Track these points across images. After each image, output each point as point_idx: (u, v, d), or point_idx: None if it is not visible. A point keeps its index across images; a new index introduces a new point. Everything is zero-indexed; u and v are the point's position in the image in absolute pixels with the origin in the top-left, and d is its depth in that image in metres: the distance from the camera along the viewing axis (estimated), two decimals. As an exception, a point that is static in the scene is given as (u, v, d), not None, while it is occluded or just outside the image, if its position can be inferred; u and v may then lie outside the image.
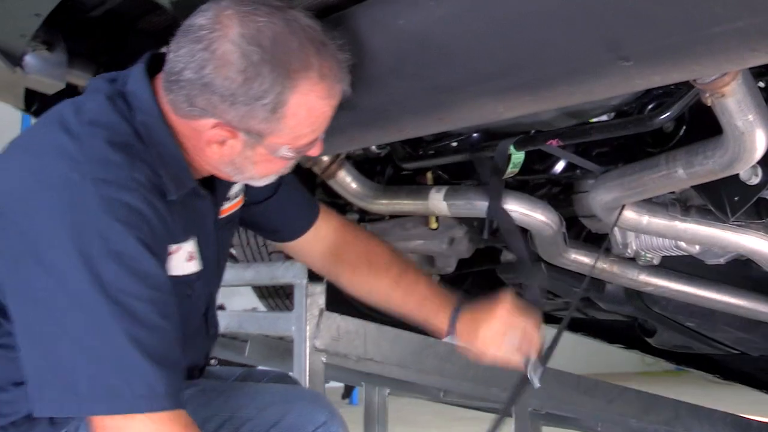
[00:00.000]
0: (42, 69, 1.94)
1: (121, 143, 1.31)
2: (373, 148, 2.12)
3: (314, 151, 1.43)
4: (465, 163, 2.15)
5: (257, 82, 1.29)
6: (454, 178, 2.19)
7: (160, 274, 1.29)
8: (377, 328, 2.33)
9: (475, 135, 2.01)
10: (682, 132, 1.73)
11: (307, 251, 1.80)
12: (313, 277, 2.30)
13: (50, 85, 1.98)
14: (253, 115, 1.32)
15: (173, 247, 1.39)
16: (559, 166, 1.99)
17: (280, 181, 1.72)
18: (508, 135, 1.89)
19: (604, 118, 1.78)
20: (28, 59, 1.91)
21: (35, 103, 2.25)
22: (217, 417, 1.47)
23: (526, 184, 2.09)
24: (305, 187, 1.84)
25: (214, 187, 1.51)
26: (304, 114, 1.34)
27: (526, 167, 1.99)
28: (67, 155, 1.28)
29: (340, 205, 2.52)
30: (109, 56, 2.05)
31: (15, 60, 1.85)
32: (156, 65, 1.42)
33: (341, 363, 2.28)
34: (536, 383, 1.60)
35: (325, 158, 2.11)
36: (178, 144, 1.39)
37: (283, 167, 1.44)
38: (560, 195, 2.14)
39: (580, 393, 2.65)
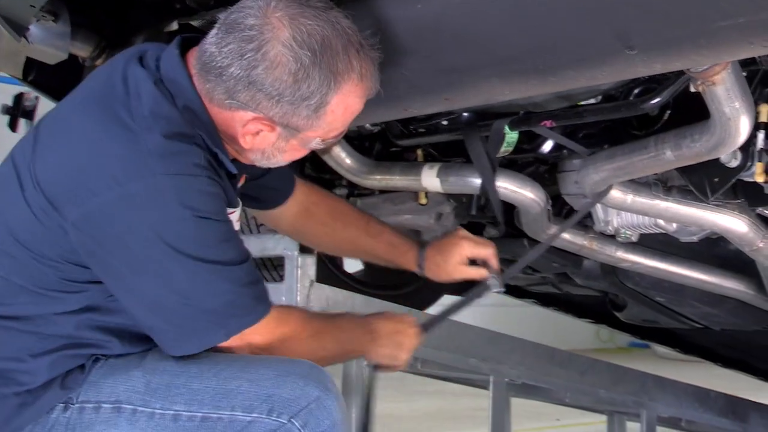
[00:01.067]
0: (46, 39, 1.96)
1: (177, 133, 1.41)
2: (368, 125, 2.19)
3: (335, 141, 1.55)
4: (455, 140, 2.24)
5: (306, 84, 1.39)
6: (444, 155, 2.27)
7: (234, 232, 1.51)
8: (365, 299, 2.41)
9: (465, 114, 2.10)
10: (666, 116, 1.83)
11: (282, 215, 1.92)
12: (304, 249, 2.37)
13: (53, 56, 2.01)
14: (297, 113, 1.43)
15: (229, 211, 1.51)
16: (547, 147, 2.09)
17: None
18: (500, 115, 1.97)
19: (591, 101, 1.88)
20: (33, 29, 1.93)
21: (32, 72, 2.27)
22: (209, 389, 1.47)
23: (515, 163, 2.18)
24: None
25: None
26: (341, 112, 1.45)
27: (514, 147, 2.08)
28: (135, 151, 1.38)
29: (326, 180, 2.60)
30: (111, 28, 2.09)
31: (21, 30, 1.87)
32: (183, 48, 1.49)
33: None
34: (499, 287, 1.84)
35: (321, 134, 2.17)
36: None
37: (305, 154, 1.55)
38: (545, 174, 2.23)
39: (554, 365, 2.77)
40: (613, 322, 3.37)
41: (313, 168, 2.54)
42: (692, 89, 1.74)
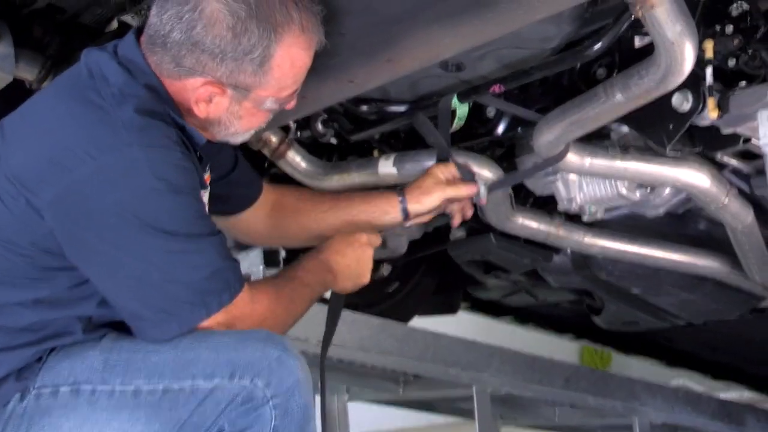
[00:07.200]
0: (-11, 61, 1.94)
1: (148, 109, 1.42)
2: (320, 127, 2.17)
3: (291, 104, 1.55)
4: (409, 136, 2.23)
5: (246, 37, 1.40)
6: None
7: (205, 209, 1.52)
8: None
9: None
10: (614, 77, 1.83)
11: (255, 216, 1.89)
12: (270, 261, 2.32)
13: (-1, 79, 1.98)
14: (242, 70, 1.43)
15: (201, 192, 1.51)
16: (501, 127, 2.07)
17: (236, 155, 1.80)
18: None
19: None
20: (-24, 51, 1.91)
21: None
22: (168, 360, 1.44)
23: (470, 150, 2.16)
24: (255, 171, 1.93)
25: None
26: (288, 65, 1.46)
27: (468, 132, 2.07)
28: (108, 126, 1.39)
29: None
30: (56, 50, 2.07)
31: (-38, 51, 1.85)
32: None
33: (302, 347, 2.28)
34: (483, 194, 1.89)
35: (274, 139, 2.15)
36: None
37: (264, 120, 1.55)
38: (504, 164, 2.21)
39: (536, 371, 2.70)
40: (595, 335, 3.32)
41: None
42: (636, 41, 1.77)
